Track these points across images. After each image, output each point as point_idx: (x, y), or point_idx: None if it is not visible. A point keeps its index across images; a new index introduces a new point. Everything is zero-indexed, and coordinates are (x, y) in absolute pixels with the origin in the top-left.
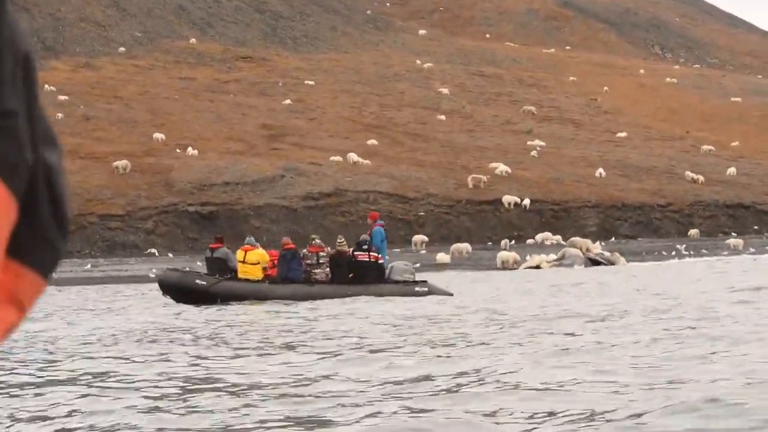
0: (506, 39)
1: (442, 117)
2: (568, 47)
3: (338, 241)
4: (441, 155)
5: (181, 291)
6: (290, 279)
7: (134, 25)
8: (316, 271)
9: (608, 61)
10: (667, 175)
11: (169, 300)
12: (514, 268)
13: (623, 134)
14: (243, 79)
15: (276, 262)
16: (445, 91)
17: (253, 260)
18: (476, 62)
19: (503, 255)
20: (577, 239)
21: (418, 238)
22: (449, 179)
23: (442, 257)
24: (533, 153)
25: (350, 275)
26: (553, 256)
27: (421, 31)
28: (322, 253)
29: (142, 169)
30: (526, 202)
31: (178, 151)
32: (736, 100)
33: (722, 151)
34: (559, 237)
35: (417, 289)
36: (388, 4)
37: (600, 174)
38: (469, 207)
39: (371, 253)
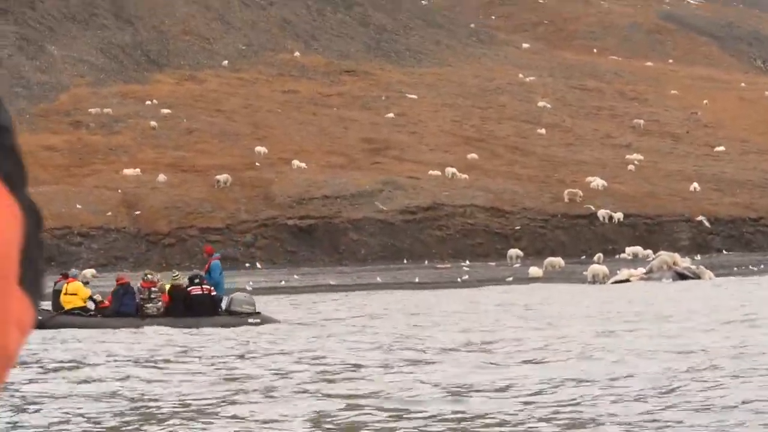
0: (610, 52)
1: (542, 131)
2: (670, 60)
3: (173, 275)
4: (539, 169)
5: None
6: (123, 313)
7: (238, 37)
8: (147, 305)
9: (710, 74)
10: (761, 189)
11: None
12: (604, 282)
13: (721, 148)
14: (346, 92)
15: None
16: (546, 104)
17: (71, 291)
18: (578, 76)
19: (593, 269)
20: (664, 253)
21: (513, 251)
22: (545, 193)
23: (535, 271)
24: (630, 167)
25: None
26: (642, 270)
27: (525, 45)
28: (153, 288)
29: (242, 183)
30: (619, 215)
31: (274, 165)
32: None
33: None
34: (650, 251)
35: (250, 320)
36: (493, 17)
37: (694, 188)
38: (565, 221)
39: (204, 286)
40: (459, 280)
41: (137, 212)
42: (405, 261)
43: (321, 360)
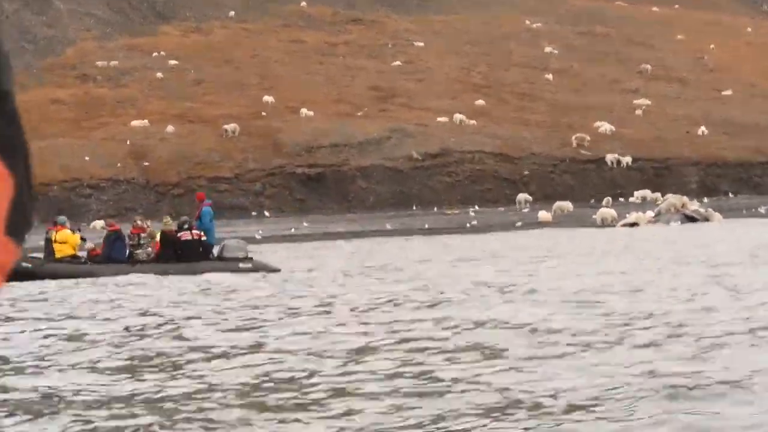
0: None
1: (550, 76)
2: (676, 6)
3: (164, 220)
4: (547, 114)
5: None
6: (114, 259)
7: None
8: (137, 251)
9: (716, 19)
10: None
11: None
12: (613, 225)
13: (728, 92)
14: (353, 41)
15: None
16: (553, 50)
17: (60, 239)
18: (585, 21)
19: (602, 212)
20: (672, 196)
21: (522, 196)
22: (553, 138)
23: (544, 215)
24: (638, 112)
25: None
26: (650, 213)
27: None
28: (143, 234)
29: (250, 132)
30: (627, 160)
31: (281, 114)
32: None
33: None
34: (658, 194)
35: (241, 265)
36: None
37: (702, 132)
38: (573, 166)
39: (194, 231)
40: (468, 225)
41: (146, 163)
42: (414, 207)
43: (343, 303)
